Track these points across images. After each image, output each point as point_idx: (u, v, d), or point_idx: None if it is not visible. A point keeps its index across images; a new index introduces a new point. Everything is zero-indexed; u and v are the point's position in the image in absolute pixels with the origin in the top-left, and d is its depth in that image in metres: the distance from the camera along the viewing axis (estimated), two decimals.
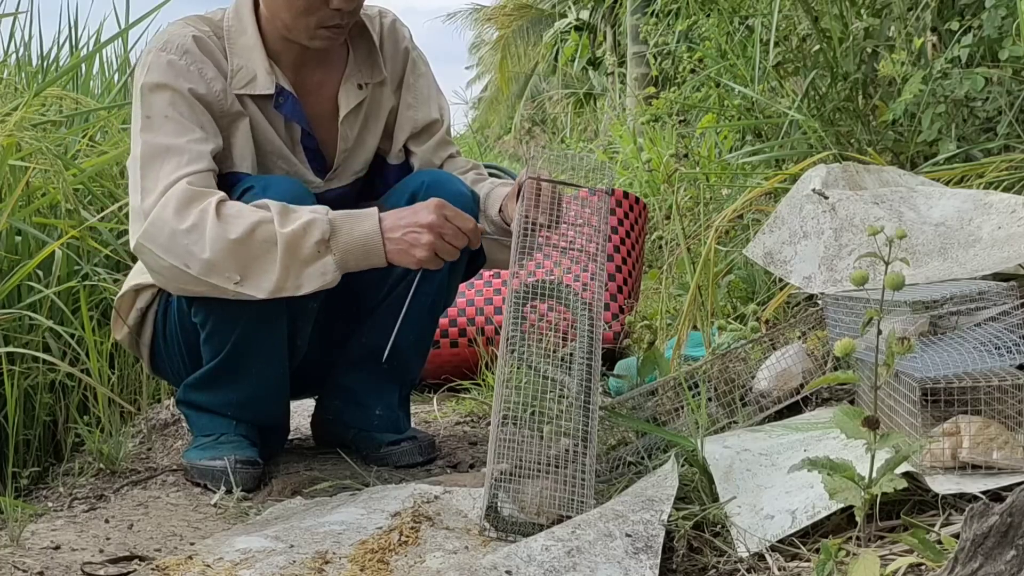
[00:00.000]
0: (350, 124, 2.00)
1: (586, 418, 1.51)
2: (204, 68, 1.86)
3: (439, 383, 2.77)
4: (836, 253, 1.90)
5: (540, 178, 1.72)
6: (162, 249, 1.73)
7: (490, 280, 2.92)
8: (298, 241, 1.71)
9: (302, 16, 1.84)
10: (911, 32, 3.01)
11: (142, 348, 2.04)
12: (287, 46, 1.92)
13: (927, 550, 1.17)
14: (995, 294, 1.60)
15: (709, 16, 3.83)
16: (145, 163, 1.79)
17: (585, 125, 12.67)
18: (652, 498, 1.37)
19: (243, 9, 1.93)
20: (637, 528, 1.30)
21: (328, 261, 1.73)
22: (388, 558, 1.41)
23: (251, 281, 1.72)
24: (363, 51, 2.02)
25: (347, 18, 1.87)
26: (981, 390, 1.39)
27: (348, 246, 1.73)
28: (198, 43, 1.87)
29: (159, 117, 1.82)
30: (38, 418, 2.33)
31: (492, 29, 19.57)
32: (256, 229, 1.70)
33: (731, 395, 1.92)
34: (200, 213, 1.72)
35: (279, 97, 1.91)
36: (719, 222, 2.60)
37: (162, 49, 1.85)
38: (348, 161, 2.03)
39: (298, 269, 1.72)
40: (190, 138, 1.80)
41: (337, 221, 1.74)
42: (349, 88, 1.99)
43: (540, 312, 2.83)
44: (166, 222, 1.73)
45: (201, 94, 1.84)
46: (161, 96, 1.83)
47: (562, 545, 1.27)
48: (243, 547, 1.45)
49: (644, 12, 8.16)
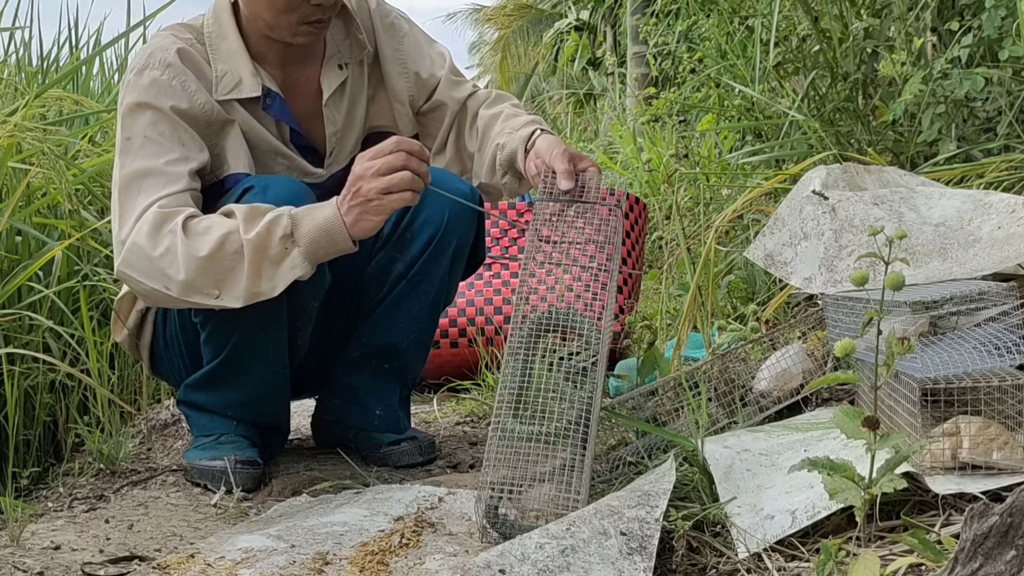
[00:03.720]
0: (335, 105, 1.99)
1: (586, 421, 1.50)
2: (187, 81, 1.85)
3: (439, 383, 2.77)
4: (836, 254, 1.90)
5: (555, 197, 1.69)
6: (142, 275, 1.74)
7: (490, 280, 2.92)
8: (263, 242, 1.69)
9: (283, 14, 1.83)
10: (911, 32, 3.01)
11: (142, 350, 2.04)
12: (270, 45, 1.91)
13: (927, 550, 1.17)
14: (995, 294, 1.60)
15: (709, 16, 3.83)
16: (123, 189, 1.79)
17: (585, 125, 12.67)
18: (648, 492, 1.37)
19: (222, 14, 1.92)
20: (632, 526, 1.30)
21: (295, 255, 1.70)
22: (388, 560, 1.41)
23: (227, 293, 1.72)
24: (341, 29, 2.00)
25: (328, 12, 1.86)
26: (981, 390, 1.39)
27: (311, 235, 1.70)
28: (181, 55, 1.86)
29: (139, 138, 1.81)
30: (38, 418, 2.34)
31: (492, 29, 19.59)
32: (224, 242, 1.69)
33: (731, 395, 1.92)
34: (170, 236, 1.71)
35: (266, 99, 1.91)
36: (719, 222, 2.60)
37: (144, 67, 1.84)
38: (341, 142, 2.02)
39: (269, 270, 1.71)
40: (168, 159, 1.79)
41: (299, 214, 1.71)
42: (330, 69, 1.98)
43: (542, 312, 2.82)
44: (142, 248, 1.73)
45: (184, 109, 1.83)
46: (142, 117, 1.82)
47: (556, 543, 1.26)
48: (245, 546, 1.45)
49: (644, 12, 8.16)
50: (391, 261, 2.00)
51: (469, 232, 2.00)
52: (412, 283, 1.99)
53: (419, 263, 1.97)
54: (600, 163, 5.89)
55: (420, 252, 1.97)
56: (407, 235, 1.98)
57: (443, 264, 1.98)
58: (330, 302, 1.99)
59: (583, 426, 1.49)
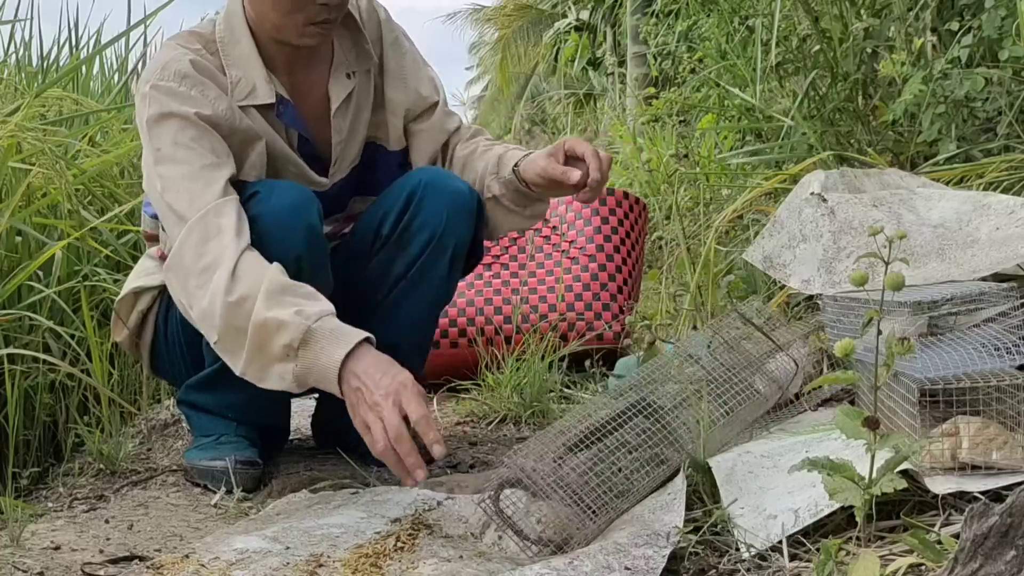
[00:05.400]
0: (342, 115, 1.98)
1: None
2: (206, 89, 1.82)
3: (439, 383, 2.77)
4: (835, 255, 1.90)
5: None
6: (179, 283, 1.73)
7: (490, 280, 2.92)
8: (268, 336, 1.62)
9: (290, 14, 1.82)
10: (911, 32, 3.01)
11: (142, 350, 2.04)
12: (278, 48, 1.90)
13: (927, 550, 1.17)
14: (994, 295, 1.60)
15: (709, 16, 3.83)
16: (168, 194, 1.76)
17: (585, 125, 12.67)
18: (657, 532, 1.35)
19: (234, 18, 1.89)
20: (638, 563, 1.28)
21: (289, 368, 1.63)
22: (381, 563, 1.40)
23: (225, 352, 1.69)
24: (348, 39, 1.99)
25: (335, 12, 1.85)
26: (980, 391, 1.39)
27: (310, 365, 1.62)
28: (195, 66, 1.83)
29: (169, 146, 1.77)
30: (38, 418, 2.33)
31: (492, 29, 19.58)
32: (244, 302, 1.63)
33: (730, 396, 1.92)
34: (214, 259, 1.67)
35: (279, 106, 1.89)
36: (719, 222, 2.60)
37: (159, 79, 1.81)
38: (345, 152, 2.01)
39: (263, 361, 1.65)
40: (204, 164, 1.76)
41: (314, 335, 1.61)
42: (339, 78, 1.96)
43: (542, 312, 2.82)
44: (183, 258, 1.71)
45: (207, 115, 1.79)
46: (168, 126, 1.78)
47: (557, 575, 1.25)
48: (240, 547, 1.45)
49: (644, 12, 8.17)
50: (390, 261, 1.99)
51: (468, 231, 2.00)
52: (412, 283, 1.98)
53: (419, 263, 1.97)
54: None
55: (420, 252, 1.97)
56: (407, 235, 1.97)
57: (443, 264, 1.97)
58: (332, 302, 1.99)
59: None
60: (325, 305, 1.65)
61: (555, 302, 2.83)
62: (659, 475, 1.52)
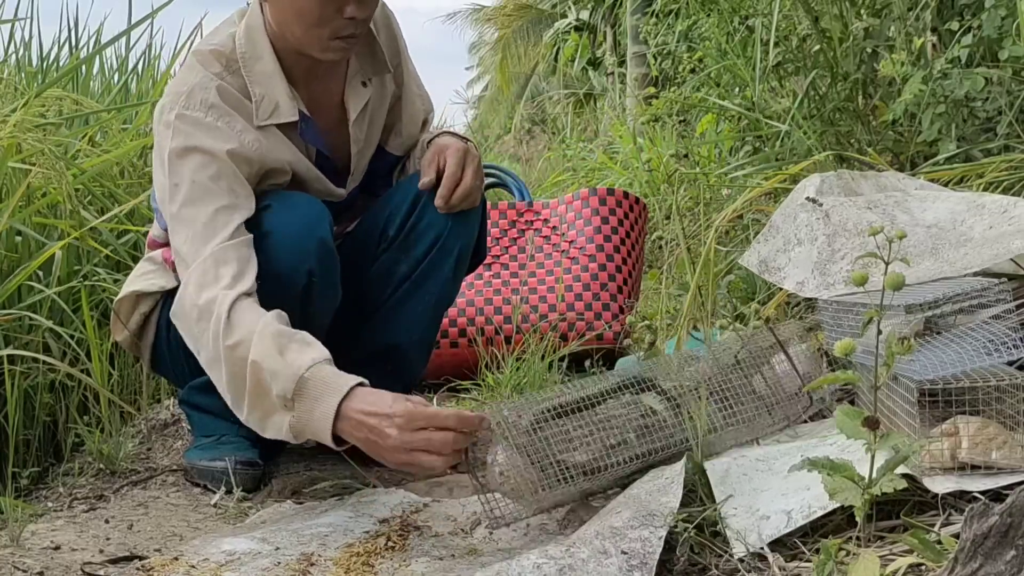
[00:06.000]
0: (359, 124, 1.96)
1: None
2: (232, 121, 1.78)
3: (439, 383, 2.77)
4: (829, 258, 1.90)
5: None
6: (185, 331, 1.72)
7: (490, 280, 2.92)
8: (263, 384, 1.58)
9: (314, 28, 1.77)
10: (911, 32, 3.01)
11: (143, 349, 2.04)
12: (298, 61, 1.85)
13: (927, 550, 1.17)
14: (992, 294, 1.60)
15: (709, 16, 3.83)
16: (176, 237, 1.73)
17: (585, 125, 12.67)
18: (653, 512, 1.35)
19: (256, 33, 1.84)
20: (634, 546, 1.28)
21: (285, 420, 1.58)
22: (373, 561, 1.41)
23: (230, 399, 1.65)
24: (364, 46, 1.96)
25: (360, 27, 1.81)
26: (980, 391, 1.39)
27: (306, 419, 1.56)
28: (221, 94, 1.78)
29: (186, 183, 1.73)
30: (38, 418, 2.34)
31: (492, 29, 19.57)
32: (237, 347, 1.60)
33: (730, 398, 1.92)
34: (208, 307, 1.64)
35: (301, 123, 1.86)
36: (719, 222, 2.60)
37: (185, 108, 1.76)
38: (360, 161, 2.01)
39: (262, 411, 1.61)
40: (219, 206, 1.72)
41: (307, 384, 1.55)
42: (355, 87, 1.94)
43: (542, 312, 2.82)
44: (184, 305, 1.69)
45: (233, 149, 1.75)
46: (190, 161, 1.74)
47: (554, 563, 1.25)
48: (229, 548, 1.45)
49: (644, 12, 8.16)
50: (395, 262, 1.99)
51: (472, 233, 2.01)
52: (416, 284, 1.98)
53: (423, 264, 1.97)
54: (600, 163, 5.90)
55: (424, 253, 1.97)
56: (412, 237, 1.97)
57: (447, 265, 1.97)
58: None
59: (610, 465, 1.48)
60: (318, 352, 1.59)
61: (555, 302, 2.83)
62: (644, 464, 1.53)
